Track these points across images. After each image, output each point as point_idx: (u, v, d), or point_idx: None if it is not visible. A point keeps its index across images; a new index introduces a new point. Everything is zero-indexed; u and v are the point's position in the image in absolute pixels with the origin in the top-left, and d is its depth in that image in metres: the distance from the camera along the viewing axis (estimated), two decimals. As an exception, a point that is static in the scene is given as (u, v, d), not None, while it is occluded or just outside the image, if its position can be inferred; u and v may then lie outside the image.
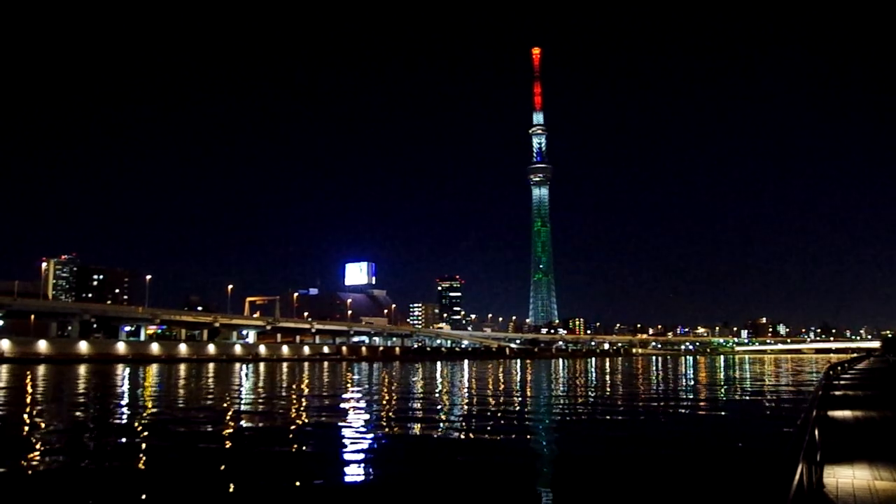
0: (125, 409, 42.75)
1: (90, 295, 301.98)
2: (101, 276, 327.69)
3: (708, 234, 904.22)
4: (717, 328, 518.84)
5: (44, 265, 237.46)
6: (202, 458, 23.09)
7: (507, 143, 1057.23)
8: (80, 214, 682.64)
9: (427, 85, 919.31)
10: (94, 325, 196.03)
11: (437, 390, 61.98)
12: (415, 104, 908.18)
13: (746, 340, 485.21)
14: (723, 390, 63.15)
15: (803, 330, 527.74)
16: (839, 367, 48.86)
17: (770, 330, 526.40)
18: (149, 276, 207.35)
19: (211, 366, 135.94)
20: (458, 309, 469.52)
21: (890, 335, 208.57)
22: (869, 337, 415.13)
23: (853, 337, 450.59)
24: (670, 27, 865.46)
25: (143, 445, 26.54)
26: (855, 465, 11.53)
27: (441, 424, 34.58)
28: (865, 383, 35.56)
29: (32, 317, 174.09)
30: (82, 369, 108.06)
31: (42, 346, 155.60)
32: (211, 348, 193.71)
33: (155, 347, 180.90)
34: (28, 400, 49.71)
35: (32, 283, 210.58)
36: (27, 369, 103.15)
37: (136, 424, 33.79)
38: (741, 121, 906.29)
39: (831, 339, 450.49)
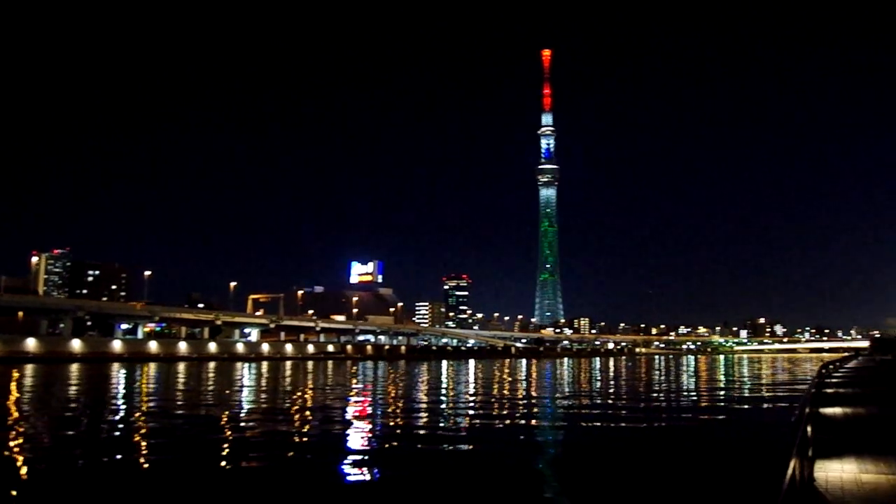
0: (119, 407, 41.03)
1: (85, 291, 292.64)
2: (97, 272, 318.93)
3: (711, 237, 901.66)
4: (718, 328, 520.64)
5: (34, 259, 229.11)
6: (202, 462, 22.00)
7: (516, 144, 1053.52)
8: (75, 208, 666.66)
9: (436, 85, 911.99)
10: (89, 323, 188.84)
11: (442, 389, 61.59)
12: (424, 103, 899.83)
13: (745, 340, 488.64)
14: (722, 388, 66.03)
15: (799, 330, 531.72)
16: (831, 366, 50.65)
17: (768, 330, 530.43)
18: (147, 272, 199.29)
19: (211, 365, 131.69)
20: (464, 308, 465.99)
21: (878, 335, 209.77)
22: (859, 337, 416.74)
23: (844, 336, 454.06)
24: (679, 30, 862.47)
25: (132, 450, 24.84)
26: (844, 459, 11.86)
27: (445, 423, 34.48)
28: (855, 381, 37.40)
29: (21, 314, 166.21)
30: (74, 368, 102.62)
31: (31, 344, 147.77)
32: (212, 347, 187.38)
33: (153, 346, 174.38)
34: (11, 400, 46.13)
35: (22, 279, 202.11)
36: (12, 369, 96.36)
37: (126, 426, 32.05)
38: (743, 124, 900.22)
39: (824, 339, 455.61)
